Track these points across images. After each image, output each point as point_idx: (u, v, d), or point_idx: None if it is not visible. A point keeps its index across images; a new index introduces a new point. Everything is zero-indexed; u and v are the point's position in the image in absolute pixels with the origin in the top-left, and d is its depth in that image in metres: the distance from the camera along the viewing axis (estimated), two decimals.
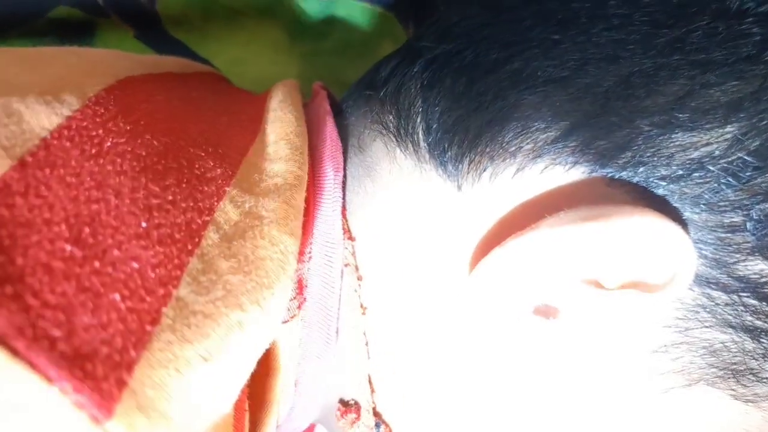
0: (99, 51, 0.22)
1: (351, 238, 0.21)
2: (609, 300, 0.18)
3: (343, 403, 0.22)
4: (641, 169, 0.18)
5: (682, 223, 0.18)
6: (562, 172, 0.18)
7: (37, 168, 0.14)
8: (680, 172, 0.18)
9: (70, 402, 0.12)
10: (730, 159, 0.17)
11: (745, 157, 0.17)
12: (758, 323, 0.18)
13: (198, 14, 0.33)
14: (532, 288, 0.18)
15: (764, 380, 0.19)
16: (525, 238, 0.18)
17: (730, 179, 0.17)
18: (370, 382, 0.21)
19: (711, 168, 0.17)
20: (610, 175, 0.18)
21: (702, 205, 0.18)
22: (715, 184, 0.17)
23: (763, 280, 0.18)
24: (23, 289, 0.12)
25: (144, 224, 0.15)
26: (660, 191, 0.18)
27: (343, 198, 0.21)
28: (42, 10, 0.32)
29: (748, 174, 0.17)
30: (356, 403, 0.22)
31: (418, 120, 0.21)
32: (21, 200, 0.13)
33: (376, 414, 0.21)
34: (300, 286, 0.19)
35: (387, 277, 0.21)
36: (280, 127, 0.21)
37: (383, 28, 0.33)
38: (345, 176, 0.22)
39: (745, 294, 0.18)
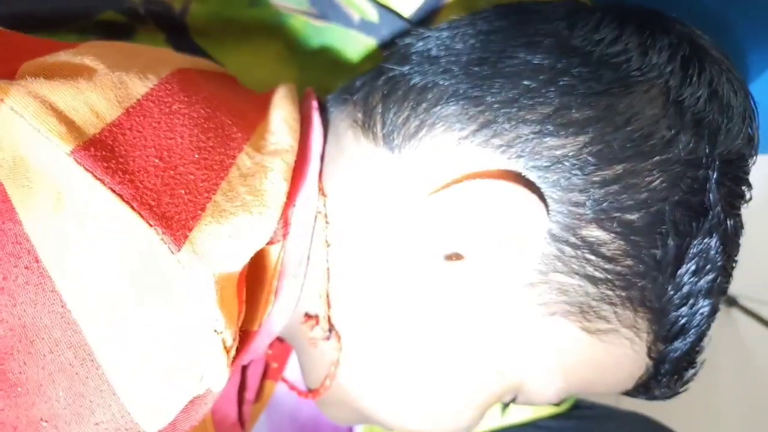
0: (162, 49, 0.31)
1: (324, 195, 0.29)
2: (491, 251, 0.27)
3: (307, 314, 0.30)
4: (521, 161, 0.26)
5: (543, 198, 0.26)
6: (470, 158, 0.27)
7: (135, 115, 0.23)
8: (546, 164, 0.26)
9: (158, 239, 0.21)
10: (579, 158, 0.26)
11: (589, 158, 0.26)
12: (596, 273, 0.27)
13: (218, 27, 0.41)
14: (438, 238, 0.27)
15: (602, 318, 0.28)
16: (432, 201, 0.26)
17: (578, 171, 0.26)
18: (327, 299, 0.29)
19: (566, 163, 0.26)
20: (501, 162, 0.27)
21: (558, 187, 0.26)
22: (568, 174, 0.26)
23: (598, 242, 0.27)
24: (134, 179, 0.21)
25: (196, 156, 0.23)
26: (531, 176, 0.26)
27: (321, 167, 0.30)
28: (92, 13, 0.40)
29: (589, 169, 0.26)
30: (316, 315, 0.30)
31: (378, 118, 0.29)
32: (129, 132, 0.22)
33: (330, 324, 0.30)
34: (285, 223, 0.28)
35: (346, 224, 0.29)
36: (281, 113, 0.29)
37: (365, 52, 0.42)
38: (324, 152, 0.30)
39: (586, 251, 0.27)
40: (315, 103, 0.32)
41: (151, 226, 0.21)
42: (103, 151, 0.21)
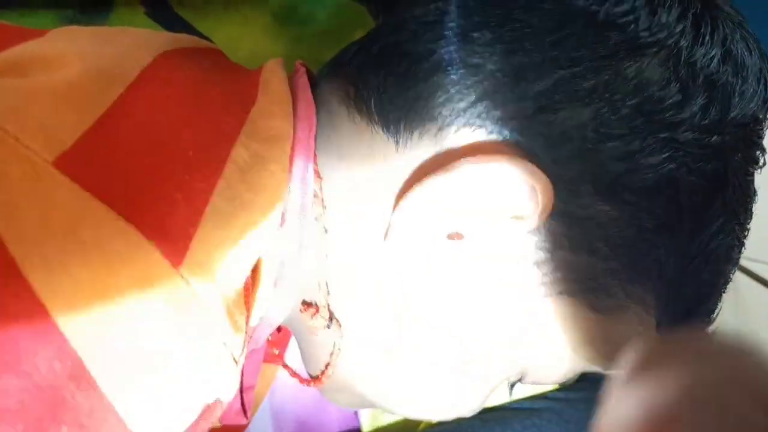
0: (141, 31, 0.29)
1: (319, 177, 0.28)
2: (492, 230, 0.25)
3: (305, 302, 0.29)
4: (525, 134, 0.25)
5: (546, 173, 0.25)
6: (470, 133, 0.25)
7: (115, 117, 0.21)
8: (549, 137, 0.25)
9: (159, 253, 0.20)
10: (584, 129, 0.25)
11: (595, 129, 0.24)
12: (603, 249, 0.26)
13: None
14: (439, 218, 0.25)
15: (610, 294, 0.27)
16: (431, 181, 0.25)
17: (583, 144, 0.25)
18: (327, 287, 0.28)
19: (571, 136, 0.25)
20: (503, 137, 0.25)
21: (562, 162, 0.25)
22: (572, 147, 0.25)
23: (605, 217, 0.25)
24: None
25: (190, 154, 0.22)
26: (534, 150, 0.25)
27: (315, 148, 0.28)
28: None
29: (595, 141, 0.25)
30: (315, 303, 0.29)
31: (371, 91, 0.27)
32: (111, 136, 0.21)
33: (330, 312, 0.28)
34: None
35: (343, 207, 0.27)
36: (271, 95, 0.27)
37: (356, 19, 0.40)
38: (317, 132, 0.29)
39: (592, 226, 0.25)
40: (305, 79, 0.30)
41: (147, 238, 0.20)
42: (83, 158, 0.20)
